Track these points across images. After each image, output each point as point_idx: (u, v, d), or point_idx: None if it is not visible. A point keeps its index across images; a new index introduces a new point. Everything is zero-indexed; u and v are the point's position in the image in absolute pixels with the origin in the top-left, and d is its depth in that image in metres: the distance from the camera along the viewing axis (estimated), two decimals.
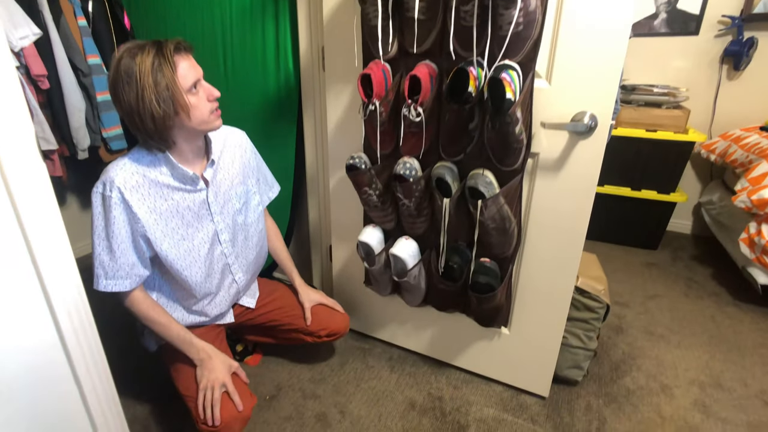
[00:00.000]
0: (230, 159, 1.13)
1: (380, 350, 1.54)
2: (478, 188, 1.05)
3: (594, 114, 0.97)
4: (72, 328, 0.73)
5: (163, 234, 1.00)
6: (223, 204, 1.09)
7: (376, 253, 1.29)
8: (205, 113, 0.95)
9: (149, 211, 0.97)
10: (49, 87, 1.47)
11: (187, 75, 0.90)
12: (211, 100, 0.96)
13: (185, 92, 0.90)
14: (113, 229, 0.94)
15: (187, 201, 1.02)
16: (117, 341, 1.58)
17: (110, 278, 0.98)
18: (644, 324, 1.71)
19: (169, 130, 0.92)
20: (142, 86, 0.84)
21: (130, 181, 0.94)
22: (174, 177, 0.99)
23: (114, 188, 0.92)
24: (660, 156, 2.09)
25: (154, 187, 0.97)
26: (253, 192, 1.20)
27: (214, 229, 1.09)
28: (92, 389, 0.78)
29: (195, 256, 1.06)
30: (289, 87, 1.44)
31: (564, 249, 1.12)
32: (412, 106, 1.04)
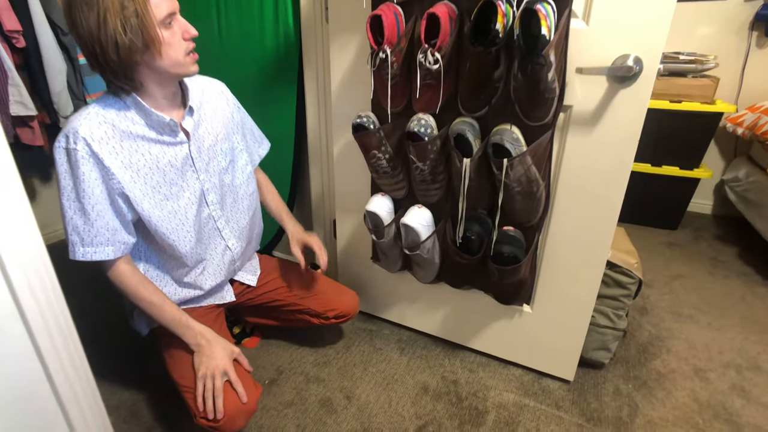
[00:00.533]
0: (212, 112, 1.00)
1: (388, 332, 1.44)
2: (504, 145, 0.93)
3: (639, 57, 0.84)
4: (31, 294, 0.61)
5: (143, 193, 0.87)
6: (208, 161, 0.97)
7: (386, 224, 1.17)
8: (180, 53, 0.82)
9: (124, 167, 0.84)
10: (26, 46, 1.34)
11: (161, 4, 0.77)
12: (186, 38, 0.83)
13: (157, 24, 0.77)
14: (84, 187, 0.81)
15: (167, 155, 0.90)
16: (98, 319, 1.48)
17: (88, 245, 0.86)
18: (670, 304, 1.59)
19: (136, 66, 0.79)
20: (105, 8, 0.72)
21: (97, 131, 0.81)
22: (149, 126, 0.86)
23: (79, 140, 0.79)
24: (684, 129, 1.96)
25: (127, 139, 0.84)
26: (239, 149, 1.08)
27: (201, 189, 0.97)
28: (60, 369, 0.67)
29: (182, 218, 0.94)
30: (288, 44, 1.31)
31: (597, 216, 1.00)
32: (429, 51, 0.91)
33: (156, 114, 0.84)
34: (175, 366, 0.98)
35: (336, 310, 1.22)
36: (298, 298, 1.21)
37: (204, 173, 0.96)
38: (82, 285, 1.55)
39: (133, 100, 0.83)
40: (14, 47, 1.33)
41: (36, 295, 0.63)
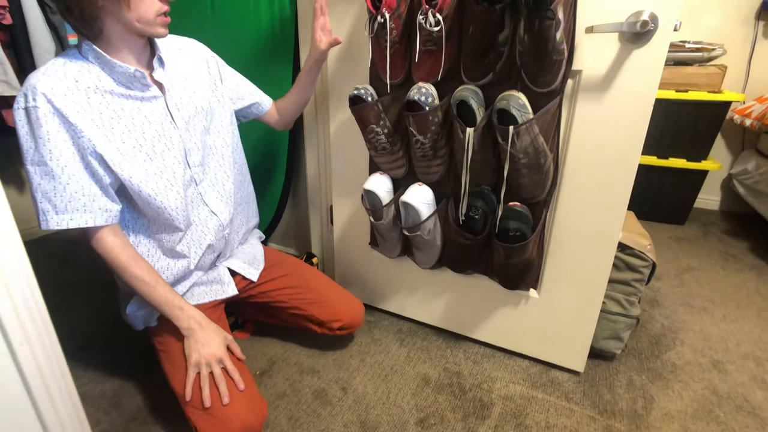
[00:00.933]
0: (187, 68, 0.93)
1: (387, 323, 1.36)
2: (510, 111, 0.87)
3: (655, 13, 0.79)
4: (3, 285, 0.55)
5: (121, 153, 0.80)
6: (188, 119, 0.90)
7: (384, 204, 1.11)
8: (151, 11, 0.76)
9: (95, 125, 0.76)
10: (12, 23, 1.30)
11: None
12: (161, 1, 0.77)
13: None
14: (50, 147, 0.73)
15: (143, 111, 0.83)
16: (76, 302, 1.41)
17: (62, 212, 0.77)
18: (682, 296, 1.53)
19: (98, 10, 0.72)
20: None
21: (59, 86, 0.73)
22: (115, 80, 0.79)
23: (38, 96, 0.71)
24: (691, 119, 1.91)
25: (95, 95, 0.77)
26: (222, 109, 1.01)
27: (183, 147, 0.89)
28: (29, 354, 0.60)
29: (170, 177, 0.86)
30: (283, 20, 1.26)
31: (609, 192, 0.94)
32: (430, 12, 0.86)
33: (119, 65, 0.77)
34: (175, 374, 0.90)
35: (341, 321, 1.14)
36: (303, 302, 1.13)
37: (185, 131, 0.89)
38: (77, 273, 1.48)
39: (94, 53, 0.76)
40: (1, 24, 1.28)
41: (8, 287, 0.56)
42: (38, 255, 1.67)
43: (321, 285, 1.16)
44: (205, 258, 1.01)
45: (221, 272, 1.06)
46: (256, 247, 1.17)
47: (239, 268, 1.09)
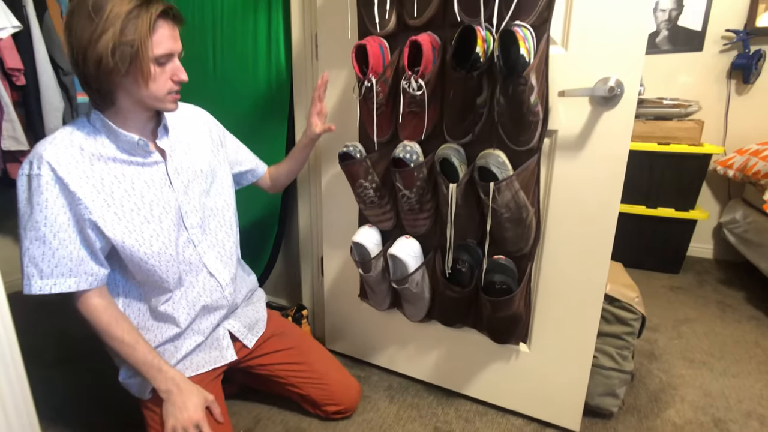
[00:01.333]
0: (191, 133, 0.98)
1: (377, 378, 1.33)
2: (490, 168, 0.91)
3: (620, 80, 0.85)
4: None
5: (118, 217, 0.82)
6: (187, 183, 0.93)
7: (373, 257, 1.13)
8: (162, 91, 0.81)
9: (96, 191, 0.80)
10: (26, 84, 1.38)
11: (163, 43, 0.77)
12: (175, 80, 0.82)
13: (151, 59, 0.77)
14: (46, 214, 0.76)
15: (142, 176, 0.86)
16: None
17: (47, 277, 0.79)
18: (680, 350, 1.49)
19: (113, 86, 0.78)
20: (105, 28, 0.71)
21: (64, 155, 0.77)
22: (119, 148, 0.83)
23: (43, 164, 0.75)
24: (675, 170, 1.97)
25: (98, 162, 0.81)
26: (222, 172, 1.04)
27: (179, 211, 0.92)
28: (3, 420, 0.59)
29: (165, 240, 0.88)
30: (280, 82, 1.34)
31: (591, 244, 0.96)
32: (413, 77, 0.93)
33: (124, 134, 0.82)
34: None
35: (338, 406, 1.11)
36: (302, 381, 1.09)
37: (183, 195, 0.92)
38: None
39: (102, 123, 0.81)
40: (14, 84, 1.37)
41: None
42: (28, 306, 1.66)
43: (323, 365, 1.13)
44: (202, 321, 0.99)
45: (221, 335, 1.03)
46: (260, 311, 1.14)
47: (238, 332, 1.05)
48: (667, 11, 2.14)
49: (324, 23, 1.16)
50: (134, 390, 0.95)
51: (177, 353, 0.95)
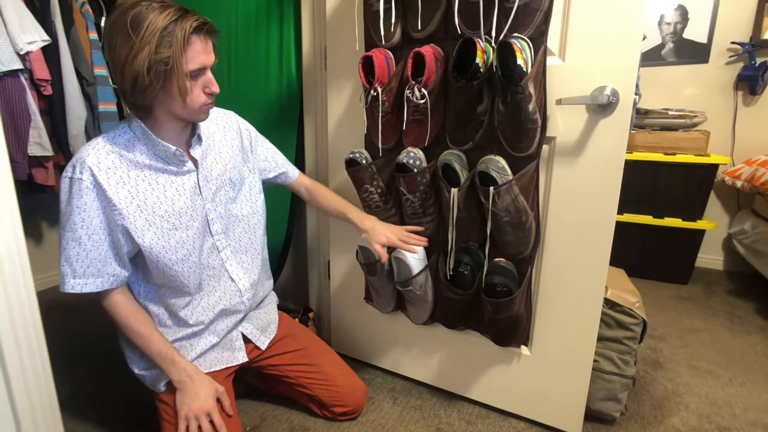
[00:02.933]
0: (222, 141, 1.02)
1: (381, 380, 1.35)
2: (490, 173, 0.94)
3: (615, 89, 0.88)
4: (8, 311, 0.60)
5: (149, 222, 0.87)
6: (215, 190, 0.97)
7: (377, 259, 1.16)
8: (196, 104, 0.84)
9: (130, 196, 0.84)
10: (52, 94, 1.46)
11: (196, 58, 0.80)
12: (207, 92, 0.85)
13: (185, 75, 0.80)
14: (83, 216, 0.82)
15: (175, 184, 0.90)
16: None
17: (79, 276, 0.85)
18: (686, 359, 1.49)
19: (150, 101, 0.82)
20: (141, 46, 0.74)
21: (104, 161, 0.82)
22: (155, 155, 0.88)
23: (85, 169, 0.80)
24: (682, 180, 1.97)
25: (135, 168, 0.85)
26: (251, 179, 1.08)
27: (206, 218, 0.96)
28: (27, 404, 0.63)
29: (190, 248, 0.92)
30: (290, 92, 1.40)
31: (590, 248, 0.98)
32: (416, 87, 0.97)
33: (162, 144, 0.86)
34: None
35: (345, 407, 1.13)
36: (310, 382, 1.12)
37: (210, 202, 0.96)
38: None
39: (141, 130, 0.85)
40: (41, 94, 1.45)
41: (12, 314, 0.62)
42: (48, 305, 1.72)
43: (331, 366, 1.15)
44: (218, 323, 1.03)
45: (234, 336, 1.07)
46: (271, 313, 1.17)
47: (251, 334, 1.09)
48: (672, 24, 2.17)
49: (333, 36, 1.22)
50: (149, 382, 0.99)
51: (192, 351, 0.99)
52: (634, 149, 2.03)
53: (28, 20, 1.35)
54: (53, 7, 1.46)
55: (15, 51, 1.32)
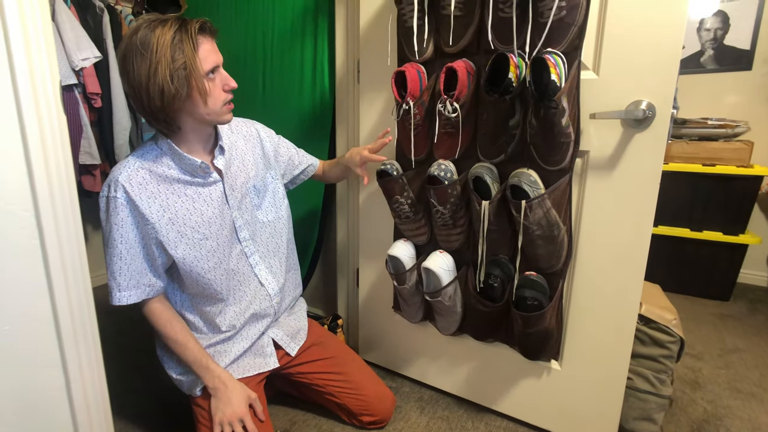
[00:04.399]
0: (244, 151, 1.05)
1: (409, 389, 1.35)
2: (522, 187, 0.94)
3: (651, 103, 0.87)
4: (68, 303, 0.65)
5: (180, 234, 0.91)
6: (240, 198, 1.01)
7: (407, 269, 1.17)
8: (218, 103, 0.88)
9: (162, 210, 0.89)
10: (101, 106, 1.56)
11: (208, 58, 0.84)
12: (226, 90, 0.89)
13: (203, 75, 0.83)
14: (121, 232, 0.87)
15: (202, 195, 0.94)
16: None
17: (123, 289, 0.91)
18: (727, 380, 1.42)
19: (177, 112, 0.86)
20: (158, 60, 0.78)
21: (135, 177, 0.87)
22: (182, 169, 0.91)
23: (119, 187, 0.85)
24: (722, 193, 1.90)
25: (164, 183, 0.90)
26: (274, 185, 1.12)
27: (233, 225, 1.00)
28: (79, 379, 0.68)
29: (221, 256, 0.97)
30: (323, 103, 1.44)
31: (623, 263, 0.96)
32: (448, 101, 0.98)
33: (188, 158, 0.90)
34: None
35: (373, 416, 1.14)
36: (339, 391, 1.13)
37: (237, 210, 1.00)
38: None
39: (168, 146, 0.90)
40: (92, 106, 1.55)
41: (72, 305, 0.67)
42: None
43: (360, 375, 1.16)
44: (250, 327, 1.07)
45: (265, 342, 1.10)
46: (301, 320, 1.20)
47: (281, 340, 1.12)
48: (712, 30, 2.10)
49: (366, 50, 1.25)
50: (185, 387, 1.03)
51: (226, 357, 1.03)
52: (671, 160, 1.97)
53: (83, 39, 1.45)
54: (105, 26, 1.56)
55: (71, 67, 1.41)
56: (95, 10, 1.55)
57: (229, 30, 1.61)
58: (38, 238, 0.62)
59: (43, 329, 0.64)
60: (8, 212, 0.59)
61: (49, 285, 0.63)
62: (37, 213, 0.62)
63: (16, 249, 0.60)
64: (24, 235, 0.61)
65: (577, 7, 0.86)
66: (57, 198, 0.64)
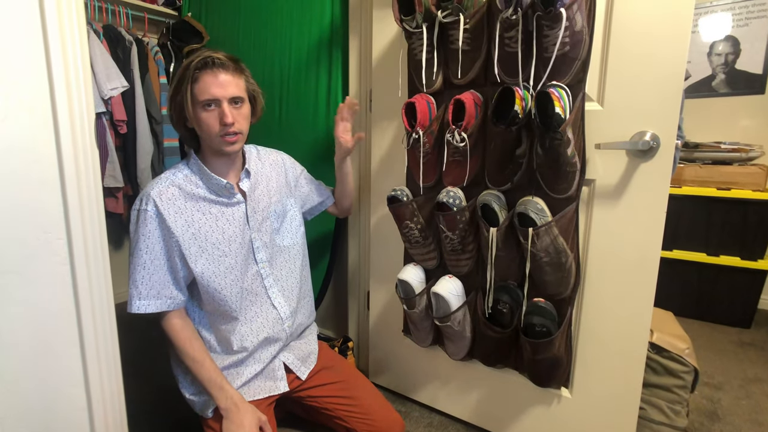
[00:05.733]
0: (268, 177, 1.11)
1: (418, 414, 1.35)
2: (528, 214, 0.96)
3: (656, 134, 0.89)
4: (92, 322, 0.69)
5: (201, 249, 0.97)
6: (261, 221, 1.06)
7: (417, 294, 1.19)
8: (212, 132, 0.93)
9: (186, 225, 0.95)
10: (126, 132, 1.64)
11: (206, 90, 0.90)
12: (221, 123, 0.93)
13: (196, 104, 0.92)
14: (147, 243, 0.93)
15: (225, 214, 1.00)
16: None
17: (144, 298, 0.95)
18: (748, 411, 1.38)
19: (190, 133, 0.99)
20: (172, 89, 0.95)
21: (165, 193, 0.94)
22: (208, 188, 0.99)
23: (150, 201, 0.92)
24: (739, 217, 1.87)
25: (191, 200, 0.96)
26: (293, 213, 1.17)
27: (251, 246, 1.05)
28: (101, 400, 0.71)
29: (237, 274, 1.01)
30: None
31: (632, 290, 0.96)
32: (456, 131, 1.02)
33: (214, 177, 0.97)
34: None
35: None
36: (348, 415, 1.13)
37: (256, 232, 1.05)
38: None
39: (197, 165, 0.98)
40: (117, 132, 1.63)
41: (96, 328, 0.70)
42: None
43: (370, 400, 1.17)
44: (263, 351, 1.09)
45: (276, 366, 1.12)
46: (312, 344, 1.22)
47: (292, 364, 1.13)
48: (723, 55, 2.12)
49: (378, 81, 1.30)
50: (197, 408, 1.06)
51: (238, 379, 1.05)
52: (684, 183, 1.96)
53: (112, 70, 1.54)
54: (133, 57, 1.66)
55: (101, 96, 1.50)
56: (125, 43, 1.66)
57: (248, 61, 1.68)
58: (69, 264, 0.66)
59: (70, 351, 0.68)
60: (46, 241, 0.64)
61: (77, 309, 0.67)
62: (69, 240, 0.66)
63: (50, 278, 0.65)
64: (56, 262, 0.65)
65: (581, 42, 0.90)
66: (87, 226, 0.68)
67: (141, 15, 1.83)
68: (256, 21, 1.68)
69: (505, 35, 0.95)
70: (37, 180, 0.64)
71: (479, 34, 1.01)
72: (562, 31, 0.86)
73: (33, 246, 0.63)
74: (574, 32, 0.88)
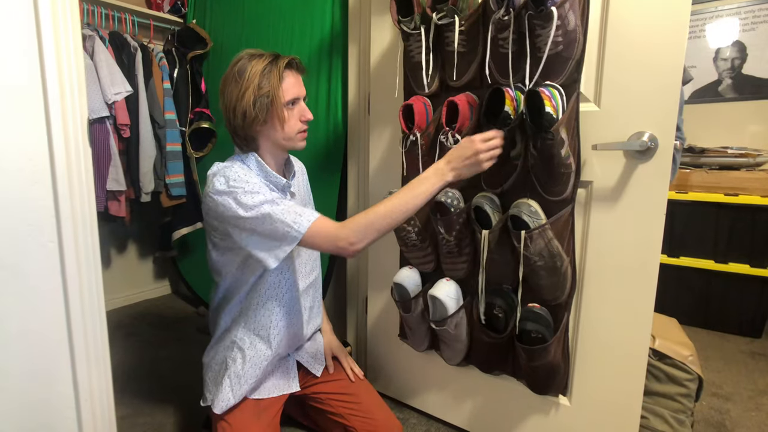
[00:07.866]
0: (299, 180, 1.16)
1: (416, 421, 1.33)
2: (521, 217, 0.95)
3: (653, 135, 0.87)
4: (82, 322, 0.69)
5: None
6: None
7: (412, 297, 1.17)
8: (293, 130, 0.98)
9: None
10: (129, 136, 1.66)
11: (290, 89, 0.95)
12: (302, 120, 0.99)
13: (283, 104, 0.94)
14: (258, 190, 0.90)
15: None
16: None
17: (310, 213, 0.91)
18: (758, 423, 1.33)
19: (255, 133, 0.96)
20: (247, 86, 0.91)
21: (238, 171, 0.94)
22: (268, 185, 0.98)
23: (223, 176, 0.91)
24: (748, 223, 1.83)
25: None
26: None
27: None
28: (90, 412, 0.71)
29: (288, 273, 1.05)
30: (337, 135, 1.50)
31: (632, 294, 0.94)
32: (450, 133, 1.01)
33: (274, 175, 0.99)
34: None
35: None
36: (349, 412, 1.12)
37: None
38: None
39: (256, 161, 0.98)
40: (120, 136, 1.65)
41: (85, 323, 0.70)
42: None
43: (370, 399, 1.16)
44: (286, 348, 1.12)
45: (290, 365, 1.14)
46: (319, 342, 1.23)
47: (306, 362, 1.16)
48: (729, 60, 2.09)
49: (376, 85, 1.30)
50: (216, 406, 1.02)
51: (261, 366, 1.05)
52: (690, 189, 1.92)
53: (117, 75, 1.57)
54: (137, 63, 1.69)
55: (104, 101, 1.53)
56: (130, 49, 1.69)
57: None
58: (59, 269, 0.67)
59: (58, 350, 0.68)
60: (41, 245, 0.64)
61: (66, 313, 0.67)
62: (61, 243, 0.67)
63: (42, 281, 0.65)
64: (49, 265, 0.65)
65: (574, 42, 0.89)
66: (79, 229, 0.68)
67: (147, 22, 1.87)
68: (258, 28, 1.70)
69: (498, 36, 0.95)
70: (29, 179, 0.64)
71: (475, 36, 1.01)
72: (554, 30, 0.85)
73: (24, 241, 0.63)
74: (567, 31, 0.87)
